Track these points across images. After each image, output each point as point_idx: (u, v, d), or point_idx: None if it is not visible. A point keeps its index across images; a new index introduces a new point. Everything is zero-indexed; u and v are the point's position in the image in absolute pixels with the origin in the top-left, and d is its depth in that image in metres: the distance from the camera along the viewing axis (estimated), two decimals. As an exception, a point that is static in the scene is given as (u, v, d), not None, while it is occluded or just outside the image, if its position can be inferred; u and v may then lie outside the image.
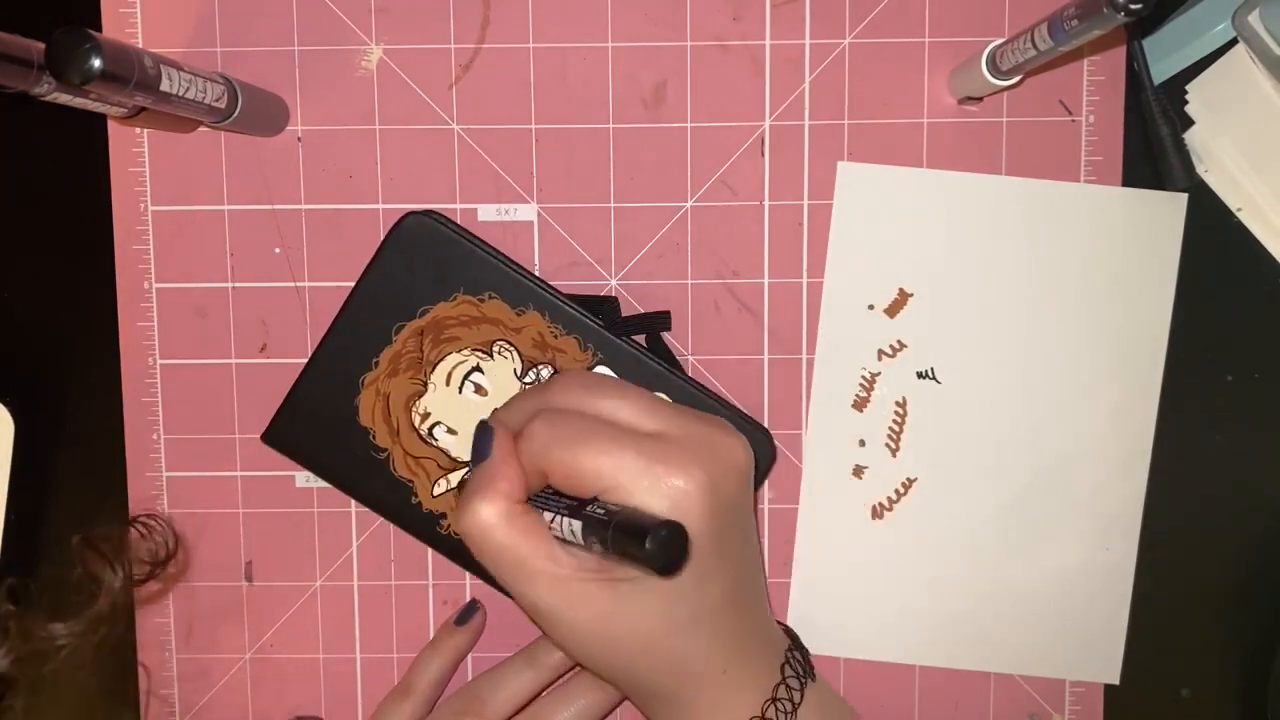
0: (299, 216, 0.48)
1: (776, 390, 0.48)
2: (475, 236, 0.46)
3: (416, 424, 0.47)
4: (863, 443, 0.48)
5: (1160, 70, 0.47)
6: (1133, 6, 0.32)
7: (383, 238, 0.46)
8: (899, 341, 0.48)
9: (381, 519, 0.48)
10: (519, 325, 0.46)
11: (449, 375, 0.47)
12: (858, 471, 0.48)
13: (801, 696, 0.41)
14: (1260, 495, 0.49)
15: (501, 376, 0.47)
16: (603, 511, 0.36)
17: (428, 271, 0.46)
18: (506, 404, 0.42)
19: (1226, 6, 0.45)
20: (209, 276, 0.48)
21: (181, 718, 0.49)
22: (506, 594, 0.40)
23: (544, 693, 0.46)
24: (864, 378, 0.48)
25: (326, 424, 0.47)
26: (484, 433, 0.40)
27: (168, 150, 0.48)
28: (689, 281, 0.48)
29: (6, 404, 0.47)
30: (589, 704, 0.45)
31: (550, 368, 0.46)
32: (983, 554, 0.48)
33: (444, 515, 0.47)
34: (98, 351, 0.48)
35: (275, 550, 0.49)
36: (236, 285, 0.48)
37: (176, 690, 0.49)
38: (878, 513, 0.48)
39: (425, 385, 0.47)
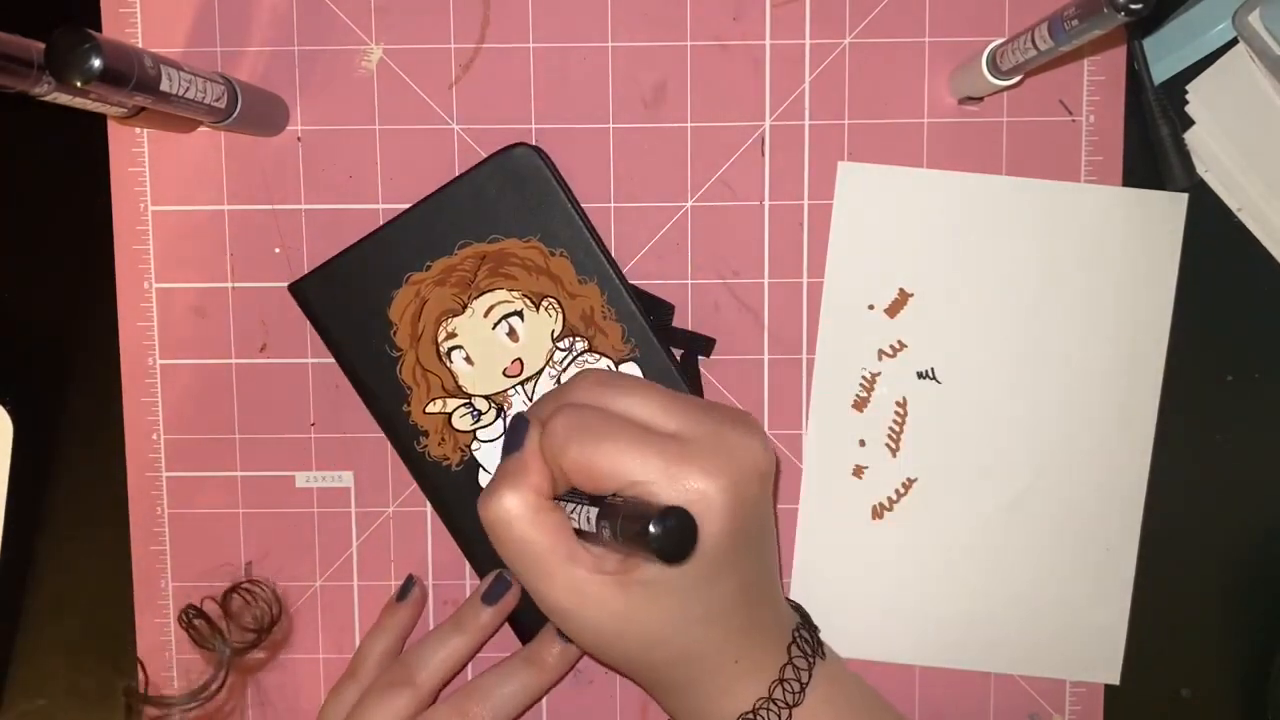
0: (299, 216, 0.48)
1: (776, 390, 0.48)
2: (573, 195, 0.46)
3: (439, 338, 0.46)
4: (863, 443, 0.48)
5: (1160, 70, 0.47)
6: (1133, 6, 0.32)
7: (485, 157, 0.46)
8: (899, 341, 0.48)
9: (378, 518, 0.48)
10: (577, 292, 0.46)
11: (491, 308, 0.46)
12: (858, 471, 0.48)
13: (810, 676, 0.41)
14: (1260, 495, 0.49)
15: (538, 331, 0.46)
16: (616, 502, 0.36)
17: (515, 204, 0.46)
18: (536, 401, 0.42)
19: (1226, 6, 0.45)
20: (209, 276, 0.48)
21: (181, 718, 0.49)
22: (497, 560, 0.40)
23: (481, 673, 0.46)
24: (864, 378, 0.48)
25: (357, 301, 0.46)
26: (519, 425, 0.40)
27: (168, 150, 0.48)
28: (689, 281, 0.48)
29: (6, 404, 0.47)
30: (527, 682, 0.45)
31: (585, 343, 0.46)
32: (983, 554, 0.48)
33: (426, 433, 0.47)
34: (98, 351, 0.48)
35: (275, 550, 0.49)
36: (236, 285, 0.48)
37: (177, 690, 0.49)
38: (878, 513, 0.48)
39: (464, 307, 0.46)
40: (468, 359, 0.46)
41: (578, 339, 0.46)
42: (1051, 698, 0.49)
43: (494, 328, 0.46)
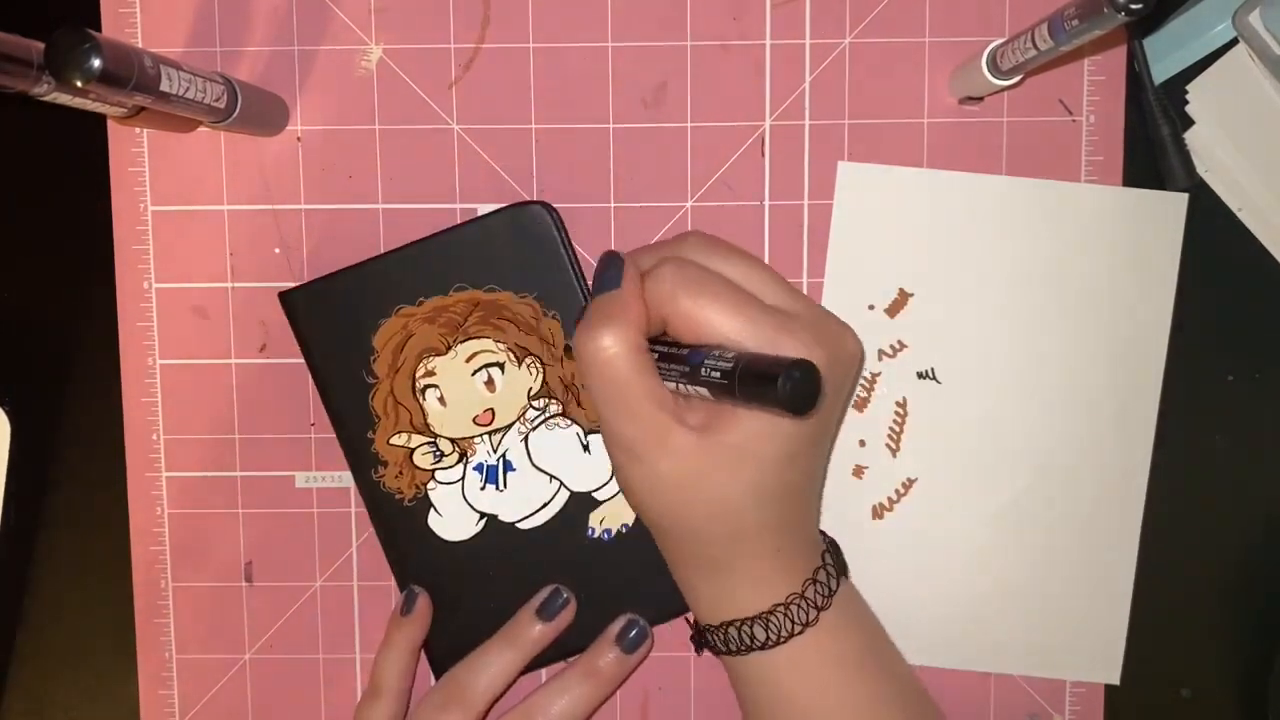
0: (299, 216, 0.48)
1: (776, 390, 0.48)
2: (576, 259, 0.46)
3: (417, 374, 0.46)
4: (863, 443, 0.48)
5: (1160, 70, 0.47)
6: (1133, 6, 0.32)
7: (499, 208, 0.46)
8: (899, 341, 0.48)
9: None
10: (562, 356, 0.46)
11: (474, 355, 0.46)
12: (858, 471, 0.48)
13: (838, 584, 0.41)
14: (1260, 495, 0.49)
15: (516, 386, 0.46)
16: (731, 354, 0.36)
17: (519, 259, 0.46)
18: (633, 251, 0.41)
19: (1226, 6, 0.45)
20: (209, 276, 0.48)
21: (181, 718, 0.49)
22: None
23: (537, 689, 0.46)
24: (864, 378, 0.48)
25: (344, 322, 0.46)
26: (612, 261, 0.39)
27: (168, 150, 0.48)
28: (689, 281, 0.48)
29: (6, 403, 0.47)
30: (583, 694, 0.45)
31: (560, 406, 0.46)
32: (983, 554, 0.48)
33: (385, 464, 0.47)
34: (98, 352, 0.48)
35: (275, 550, 0.49)
36: (236, 285, 0.48)
37: (176, 690, 0.49)
38: (878, 513, 0.48)
39: (448, 349, 0.46)
40: (441, 399, 0.47)
41: (553, 401, 0.47)
42: (1051, 698, 0.49)
43: (473, 374, 0.46)
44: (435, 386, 0.46)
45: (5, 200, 0.48)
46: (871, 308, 0.48)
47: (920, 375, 0.48)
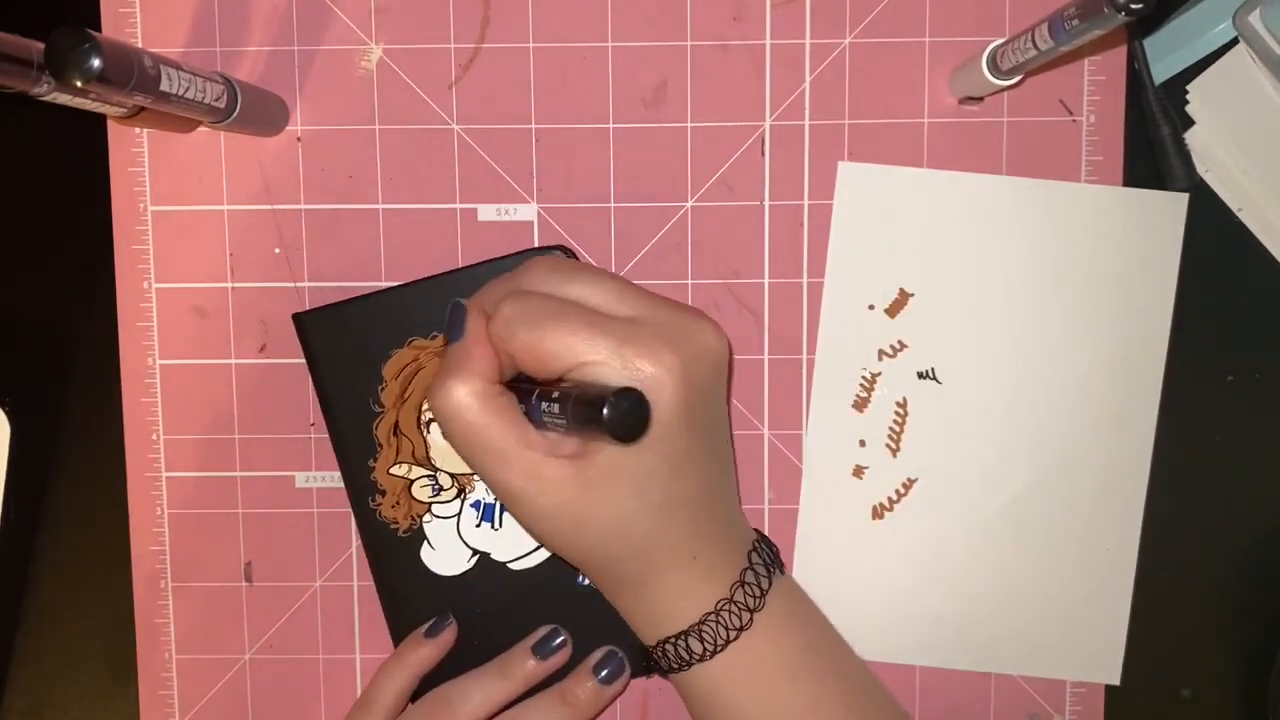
0: (299, 216, 0.48)
1: (776, 390, 0.48)
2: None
3: (424, 407, 0.47)
4: (863, 443, 0.48)
5: (1161, 70, 0.47)
6: (1133, 6, 0.32)
7: (518, 251, 0.46)
8: (899, 341, 0.48)
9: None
10: None
11: None
12: (858, 471, 0.48)
13: (770, 584, 0.41)
14: (1260, 495, 0.49)
15: None
16: (556, 394, 0.36)
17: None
18: (481, 290, 0.41)
19: (1226, 6, 0.45)
20: (209, 276, 0.48)
21: (181, 718, 0.49)
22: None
23: (512, 708, 0.45)
24: (864, 378, 0.48)
25: (355, 348, 0.46)
26: (458, 312, 0.39)
27: (168, 150, 0.48)
28: (689, 281, 0.48)
29: (6, 403, 0.47)
30: (557, 717, 0.45)
31: None
32: (983, 554, 0.48)
33: (383, 493, 0.47)
34: (98, 351, 0.48)
35: (275, 550, 0.49)
36: (236, 285, 0.48)
37: (176, 690, 0.49)
38: (878, 513, 0.48)
39: None
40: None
41: None
42: (1051, 698, 0.49)
43: None
44: None
45: (5, 200, 0.48)
46: (871, 308, 0.48)
47: (920, 375, 0.48)
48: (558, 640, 0.46)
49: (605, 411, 0.33)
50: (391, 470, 0.47)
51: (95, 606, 0.49)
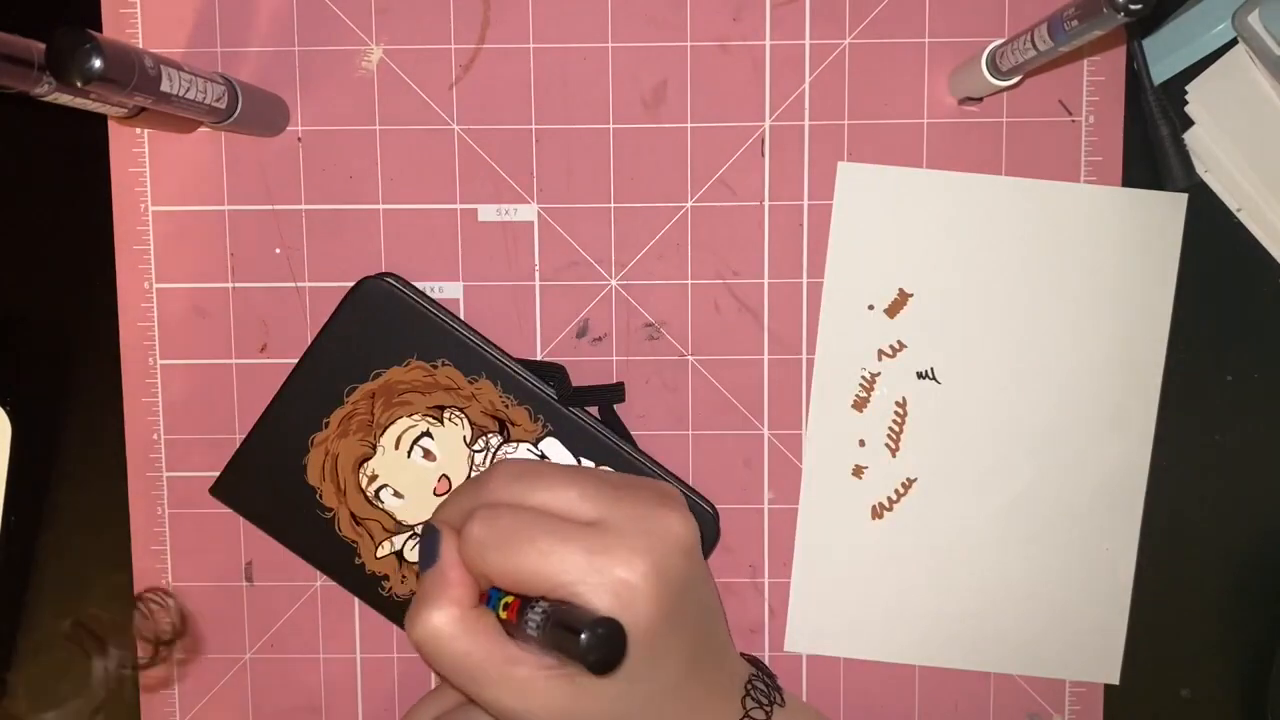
0: (299, 216, 0.48)
1: (776, 390, 0.48)
2: (432, 301, 0.46)
3: (364, 485, 0.47)
4: (863, 443, 0.48)
5: (1160, 70, 0.47)
6: (1133, 6, 0.32)
7: (339, 302, 0.46)
8: (899, 341, 0.48)
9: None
10: (471, 393, 0.46)
11: (399, 439, 0.47)
12: (858, 471, 0.48)
13: (771, 713, 0.41)
14: (1260, 495, 0.49)
15: (451, 442, 0.47)
16: (543, 609, 0.36)
17: (382, 335, 0.46)
18: (446, 500, 0.41)
19: (1226, 6, 0.45)
20: (209, 276, 0.48)
21: (181, 718, 0.49)
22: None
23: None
24: (864, 378, 0.48)
25: (275, 482, 0.47)
26: (430, 536, 0.39)
27: (168, 150, 0.48)
28: (689, 282, 0.48)
29: (6, 404, 0.47)
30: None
31: (499, 436, 0.47)
32: (982, 554, 0.48)
33: (386, 577, 0.47)
34: (98, 351, 0.48)
35: (275, 550, 0.49)
36: (236, 285, 0.48)
37: (176, 690, 0.49)
38: (878, 513, 0.48)
39: (374, 447, 0.47)
40: (396, 494, 0.47)
41: (490, 435, 0.47)
42: (1051, 698, 0.49)
43: (409, 455, 0.47)
44: (386, 485, 0.47)
45: (5, 200, 0.48)
46: (871, 308, 0.48)
47: (920, 375, 0.48)
48: None
49: (582, 641, 0.33)
50: (379, 554, 0.47)
51: (95, 606, 0.49)
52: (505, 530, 0.37)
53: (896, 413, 0.48)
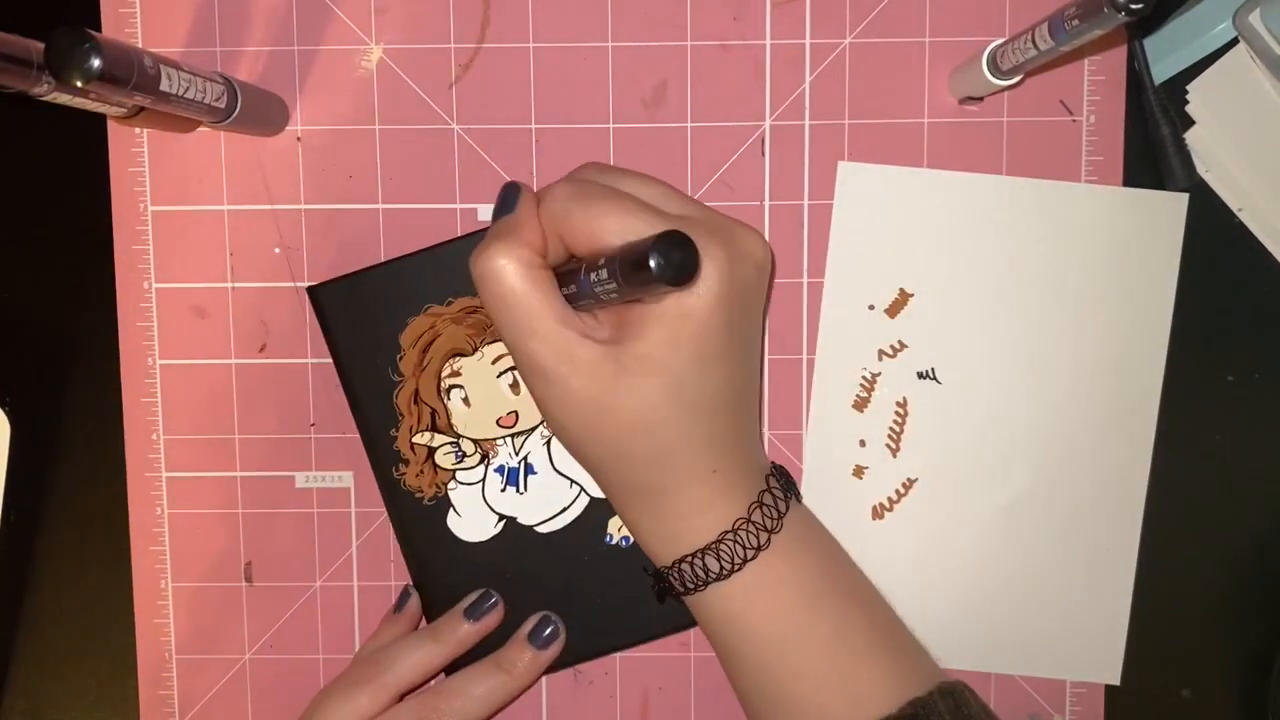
0: (299, 216, 0.48)
1: (776, 390, 0.48)
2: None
3: (443, 374, 0.46)
4: (863, 443, 0.48)
5: (1161, 70, 0.47)
6: (1133, 6, 0.32)
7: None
8: (899, 341, 0.48)
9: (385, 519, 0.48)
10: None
11: (500, 357, 0.46)
12: (858, 471, 0.48)
13: (787, 508, 0.40)
14: (1260, 495, 0.49)
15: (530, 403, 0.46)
16: (607, 257, 0.35)
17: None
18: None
19: (1227, 6, 0.45)
20: (209, 276, 0.48)
21: (181, 718, 0.49)
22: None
23: (450, 677, 0.46)
24: (864, 378, 0.48)
25: (372, 318, 0.46)
26: (511, 189, 0.39)
27: (168, 150, 0.48)
28: (689, 281, 0.48)
29: (6, 403, 0.47)
30: (497, 684, 0.45)
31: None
32: (983, 554, 0.48)
33: (406, 462, 0.47)
34: (98, 351, 0.48)
35: (275, 550, 0.49)
36: (236, 285, 0.48)
37: (176, 690, 0.49)
38: (878, 513, 0.48)
39: (475, 350, 0.46)
40: (465, 400, 0.47)
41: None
42: (1051, 698, 0.49)
43: (499, 376, 0.46)
44: (460, 387, 0.46)
45: (5, 200, 0.48)
46: (871, 308, 0.48)
47: (920, 375, 0.48)
48: (489, 603, 0.46)
49: (653, 260, 0.32)
50: (414, 440, 0.47)
51: (95, 606, 0.49)
52: (591, 193, 0.37)
53: (897, 413, 0.48)
